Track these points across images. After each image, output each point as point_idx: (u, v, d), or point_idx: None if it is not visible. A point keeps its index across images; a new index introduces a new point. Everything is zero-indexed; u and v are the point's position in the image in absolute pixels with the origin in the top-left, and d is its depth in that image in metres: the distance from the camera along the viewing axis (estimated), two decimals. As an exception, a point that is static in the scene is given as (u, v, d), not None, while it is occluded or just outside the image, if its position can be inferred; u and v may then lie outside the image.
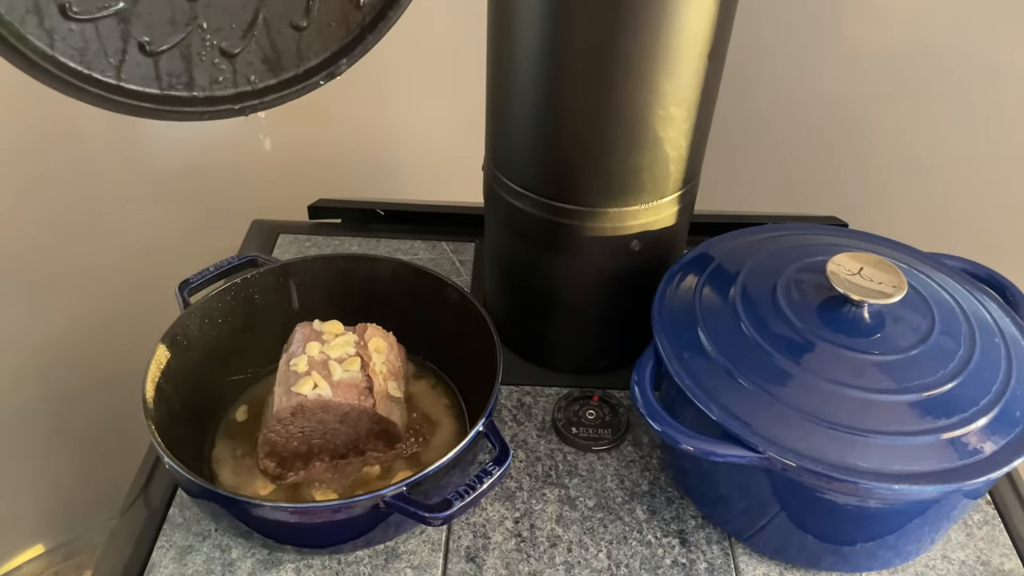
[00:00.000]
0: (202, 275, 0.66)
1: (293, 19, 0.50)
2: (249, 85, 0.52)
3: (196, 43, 0.48)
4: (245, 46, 0.50)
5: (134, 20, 0.46)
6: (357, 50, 0.54)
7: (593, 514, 0.61)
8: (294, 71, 0.53)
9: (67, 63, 0.45)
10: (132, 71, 0.47)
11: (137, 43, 0.47)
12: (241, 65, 0.51)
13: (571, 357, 0.72)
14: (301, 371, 0.59)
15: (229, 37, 0.49)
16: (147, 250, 1.04)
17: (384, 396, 0.61)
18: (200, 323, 0.63)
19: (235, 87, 0.51)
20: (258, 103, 0.53)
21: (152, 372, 0.57)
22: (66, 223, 0.99)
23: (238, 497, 0.50)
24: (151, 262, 1.01)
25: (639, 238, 0.64)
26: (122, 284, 1.06)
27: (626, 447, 0.66)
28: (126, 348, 0.89)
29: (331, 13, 0.52)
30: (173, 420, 0.58)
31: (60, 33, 0.44)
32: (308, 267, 0.68)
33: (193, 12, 0.47)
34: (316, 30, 0.52)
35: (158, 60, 0.48)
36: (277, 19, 0.50)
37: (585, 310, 0.69)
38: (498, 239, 0.70)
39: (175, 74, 0.49)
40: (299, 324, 0.64)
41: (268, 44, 0.50)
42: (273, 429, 0.59)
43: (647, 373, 0.56)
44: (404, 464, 0.63)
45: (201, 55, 0.49)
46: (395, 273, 0.68)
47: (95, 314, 1.07)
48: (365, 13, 0.52)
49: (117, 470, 0.99)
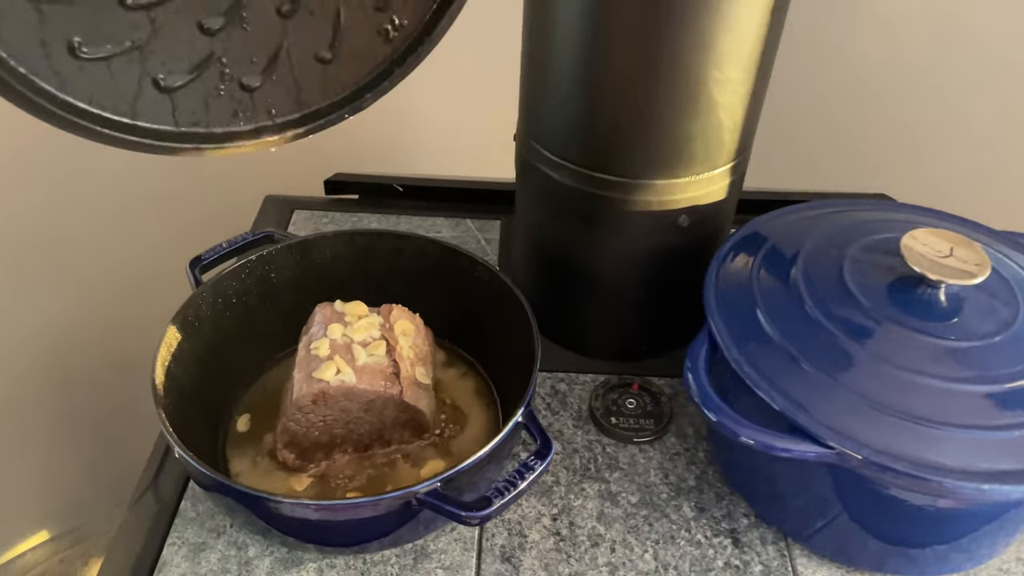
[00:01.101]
0: (215, 252, 0.62)
1: (318, 52, 0.46)
2: (269, 119, 0.48)
3: (214, 78, 0.44)
4: (266, 80, 0.46)
5: (149, 56, 0.42)
6: (384, 84, 0.50)
7: (637, 511, 0.57)
8: (317, 105, 0.49)
9: (77, 104, 0.41)
10: (147, 109, 0.44)
11: (152, 80, 0.43)
12: (261, 100, 0.47)
13: (608, 342, 0.68)
14: (322, 355, 0.55)
15: (250, 71, 0.45)
16: (156, 228, 1.00)
17: (412, 383, 0.57)
18: (213, 303, 0.59)
19: (255, 122, 0.47)
20: (278, 138, 0.49)
21: (162, 355, 0.53)
22: (70, 201, 0.95)
23: (256, 493, 0.46)
24: (160, 241, 0.97)
25: (687, 213, 0.59)
26: (130, 264, 1.02)
27: (669, 439, 0.62)
28: (135, 330, 0.85)
29: (358, 46, 0.47)
30: (185, 406, 0.54)
31: (69, 74, 0.40)
32: (328, 244, 0.64)
33: (211, 46, 0.43)
34: (342, 63, 0.48)
35: (174, 96, 0.44)
36: (301, 52, 0.46)
37: (625, 291, 0.64)
38: (531, 215, 0.66)
39: (192, 111, 0.45)
40: (319, 305, 0.59)
41: (291, 78, 0.46)
42: (292, 418, 0.55)
43: (701, 359, 0.51)
44: (432, 456, 0.58)
45: (220, 90, 0.45)
46: (421, 251, 0.64)
47: (102, 295, 1.04)
48: (395, 46, 0.48)
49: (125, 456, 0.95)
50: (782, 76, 0.93)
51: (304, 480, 0.55)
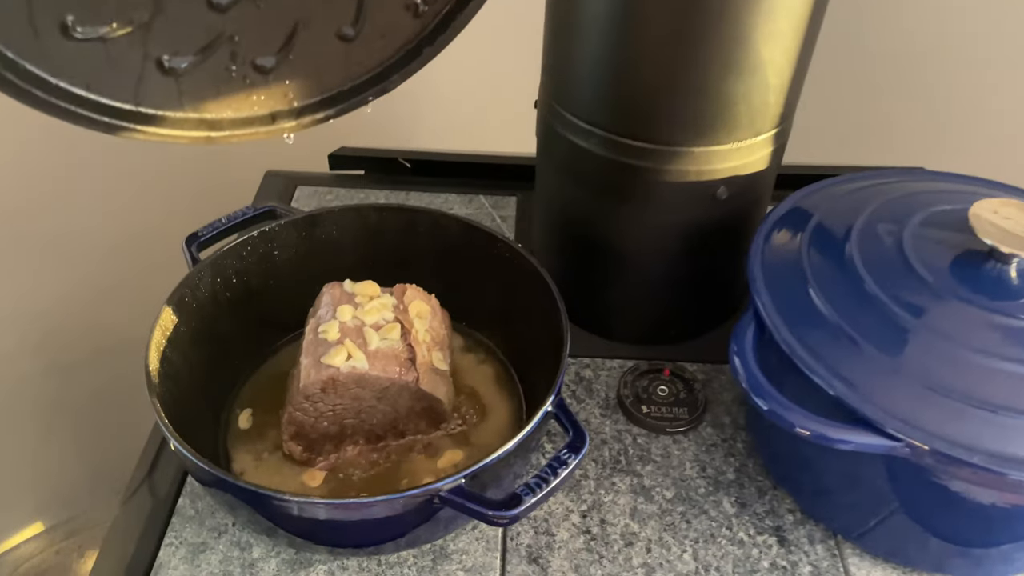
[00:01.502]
0: (213, 228, 0.57)
1: (340, 29, 0.41)
2: (286, 103, 0.42)
3: (225, 59, 0.39)
4: (282, 60, 0.40)
5: (151, 36, 0.36)
6: (412, 65, 0.44)
7: (673, 507, 0.53)
8: (339, 88, 0.43)
9: (73, 91, 0.36)
10: (151, 94, 0.38)
11: (155, 62, 0.37)
12: (277, 82, 0.41)
13: (636, 325, 0.64)
14: (332, 339, 0.51)
15: (264, 51, 0.40)
16: (149, 205, 0.95)
17: (428, 369, 0.52)
18: (212, 283, 0.55)
19: (270, 107, 0.42)
20: (295, 123, 0.44)
21: (156, 339, 0.49)
22: (62, 179, 0.90)
23: (261, 491, 0.42)
24: (154, 218, 0.92)
25: (726, 184, 0.55)
26: (121, 242, 0.97)
27: (705, 429, 0.58)
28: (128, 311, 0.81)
29: (384, 22, 0.42)
30: (182, 394, 0.49)
31: (63, 58, 0.35)
32: (335, 220, 0.59)
33: (222, 24, 0.38)
34: (366, 42, 0.42)
35: (181, 80, 0.38)
36: (320, 29, 0.40)
37: (655, 270, 0.60)
38: (554, 188, 0.61)
39: (201, 95, 0.39)
40: (327, 285, 0.55)
41: (309, 58, 0.41)
42: (299, 407, 0.50)
43: (748, 343, 0.47)
44: (449, 446, 0.54)
45: (231, 71, 0.39)
46: (436, 226, 0.59)
47: (93, 274, 0.99)
48: (425, 22, 0.43)
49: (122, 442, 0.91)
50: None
51: (318, 475, 0.51)
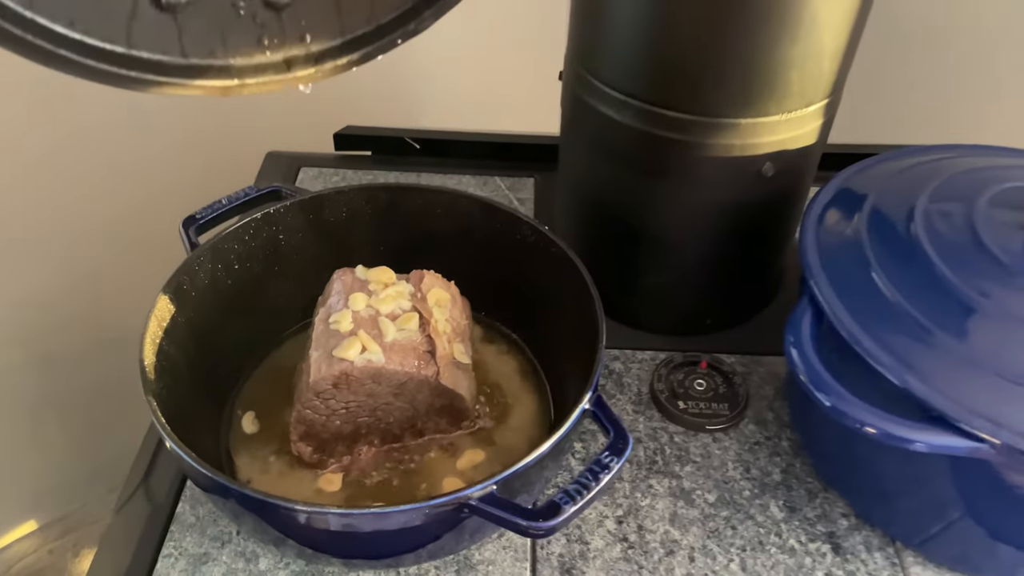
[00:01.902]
0: (212, 209, 0.53)
1: None
2: (303, 47, 0.37)
3: None
4: None
5: None
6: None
7: (716, 512, 0.49)
8: (363, 28, 0.37)
9: (54, 29, 0.31)
10: (146, 35, 0.33)
11: None
12: (292, 22, 0.36)
13: (669, 314, 0.59)
14: (344, 330, 0.46)
15: None
16: (145, 190, 0.90)
17: (449, 362, 0.48)
18: (212, 269, 0.50)
19: (285, 51, 0.36)
20: (314, 71, 0.38)
21: (152, 331, 0.44)
22: (52, 160, 0.86)
23: (267, 499, 0.37)
24: (149, 203, 0.88)
25: (772, 160, 0.50)
26: (118, 230, 0.93)
27: (747, 426, 0.54)
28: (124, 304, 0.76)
29: None
30: (180, 391, 0.45)
31: None
32: (345, 200, 0.55)
33: None
34: None
35: (180, 17, 0.33)
36: None
37: (691, 255, 0.56)
38: (581, 166, 0.57)
39: (204, 36, 0.34)
40: (338, 271, 0.51)
41: None
42: (309, 404, 0.46)
43: (805, 331, 0.43)
44: (469, 447, 0.50)
45: (238, 7, 0.34)
46: (453, 208, 0.55)
47: (87, 265, 0.94)
48: None
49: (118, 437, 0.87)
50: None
51: (335, 480, 0.47)
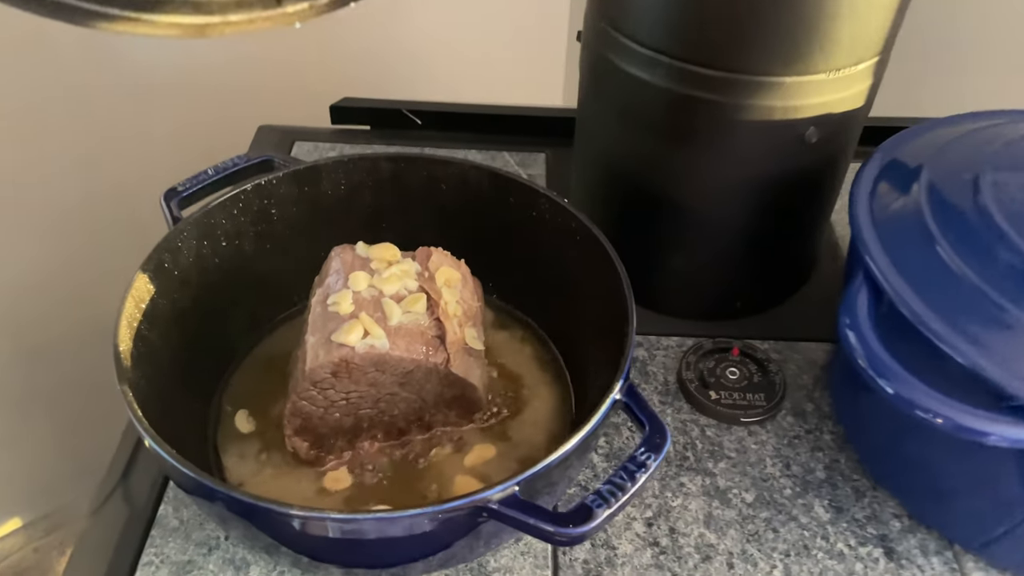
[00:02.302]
0: (197, 180, 0.48)
1: None
2: None
3: None
4: None
5: None
6: None
7: (755, 512, 0.44)
8: None
9: None
10: None
11: None
12: None
13: (697, 296, 0.55)
14: (344, 312, 0.42)
15: None
16: (130, 170, 0.85)
17: (460, 348, 0.43)
18: (197, 246, 0.46)
19: None
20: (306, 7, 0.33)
21: (128, 313, 0.40)
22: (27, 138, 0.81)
23: (260, 503, 0.33)
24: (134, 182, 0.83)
25: (817, 125, 0.46)
26: (100, 213, 0.88)
27: (785, 418, 0.49)
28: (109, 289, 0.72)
29: None
30: (161, 381, 0.41)
31: None
32: (344, 172, 0.50)
33: None
34: None
35: None
36: None
37: (725, 231, 0.51)
38: (603, 134, 0.52)
39: None
40: (337, 248, 0.46)
41: None
42: (305, 395, 0.41)
43: (863, 314, 0.38)
44: (478, 442, 0.46)
45: None
46: (463, 180, 0.50)
47: (68, 250, 0.89)
48: None
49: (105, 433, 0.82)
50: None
51: (342, 478, 0.43)
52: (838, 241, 0.62)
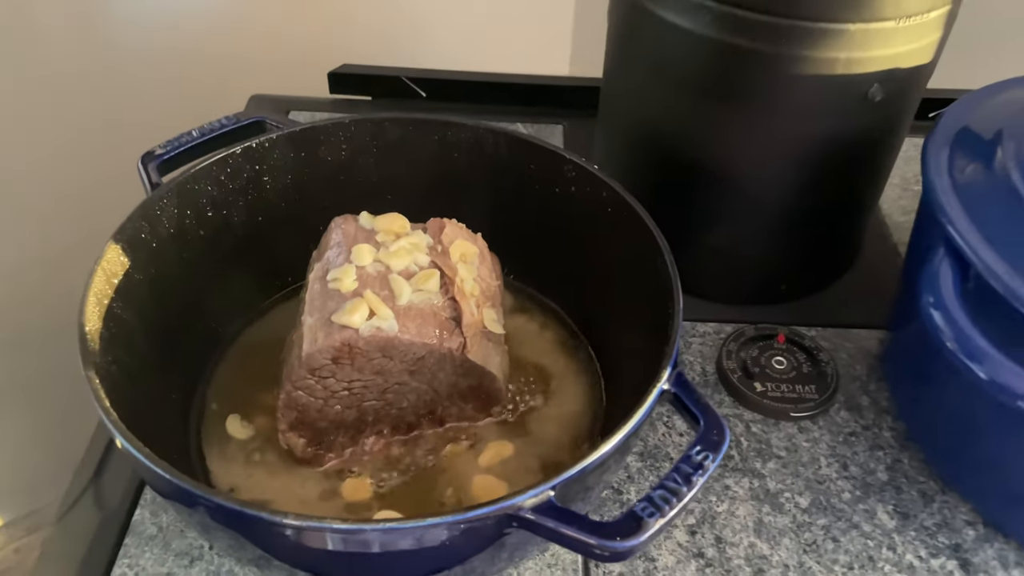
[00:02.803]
0: (179, 143, 0.43)
1: None
2: None
3: None
4: None
5: None
6: None
7: (811, 519, 0.39)
8: None
9: None
10: None
11: None
12: None
13: (737, 278, 0.50)
14: (346, 290, 0.37)
15: None
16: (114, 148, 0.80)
17: (478, 332, 0.39)
18: (179, 216, 0.41)
19: None
20: None
21: (98, 288, 0.35)
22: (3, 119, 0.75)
23: (248, 512, 0.28)
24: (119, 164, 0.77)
25: (882, 81, 0.41)
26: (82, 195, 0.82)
27: (838, 412, 0.45)
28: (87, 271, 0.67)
29: None
30: (136, 368, 0.36)
31: None
32: (346, 135, 0.45)
33: None
34: None
35: None
36: None
37: (773, 203, 0.46)
38: (635, 93, 0.47)
39: None
40: (338, 218, 0.41)
41: None
42: (302, 384, 0.36)
43: (948, 290, 0.33)
44: (493, 438, 0.41)
45: None
46: (479, 145, 0.46)
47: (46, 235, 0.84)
48: None
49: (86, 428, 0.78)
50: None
51: (361, 487, 0.38)
52: (884, 220, 0.57)
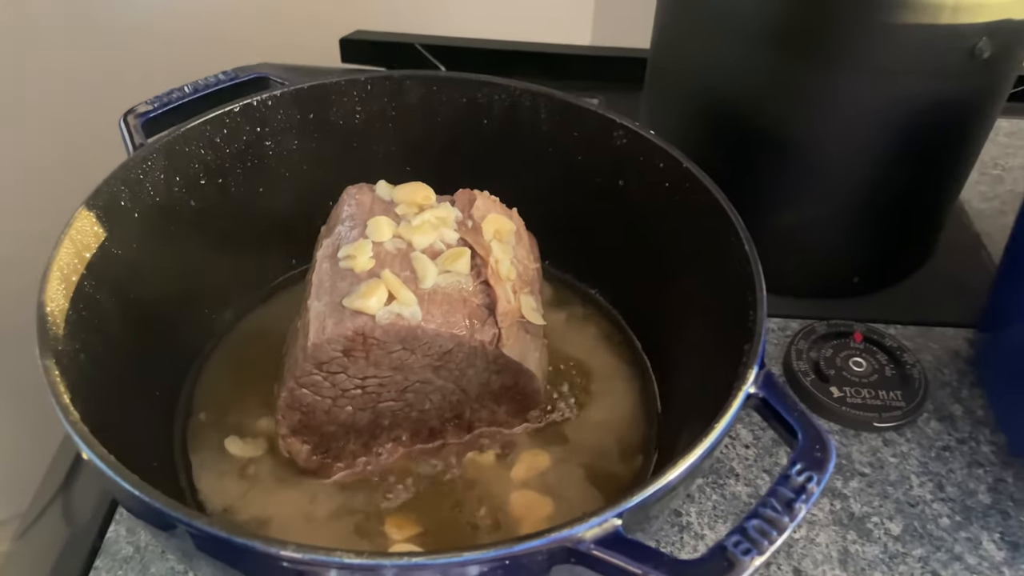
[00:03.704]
0: (170, 99, 0.37)
1: None
2: None
3: None
4: None
5: None
6: None
7: (906, 549, 0.34)
8: None
9: None
10: None
11: None
12: None
13: (807, 268, 0.45)
14: (361, 270, 0.31)
15: None
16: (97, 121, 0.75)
17: (514, 322, 0.33)
18: (166, 181, 0.35)
19: None
20: None
21: (64, 261, 0.29)
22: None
23: (237, 540, 0.22)
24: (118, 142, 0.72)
25: (992, 35, 0.35)
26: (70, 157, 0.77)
27: (928, 423, 0.39)
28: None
29: None
30: (110, 359, 0.31)
31: None
32: (360, 95, 0.40)
33: None
34: None
35: None
36: None
37: (848, 178, 0.41)
38: (692, 52, 0.42)
39: None
40: (351, 187, 0.36)
41: None
42: (306, 380, 0.31)
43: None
44: (526, 446, 0.35)
45: None
46: (513, 109, 0.40)
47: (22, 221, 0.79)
48: None
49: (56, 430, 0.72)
50: None
51: (406, 525, 0.32)
52: (963, 206, 0.51)
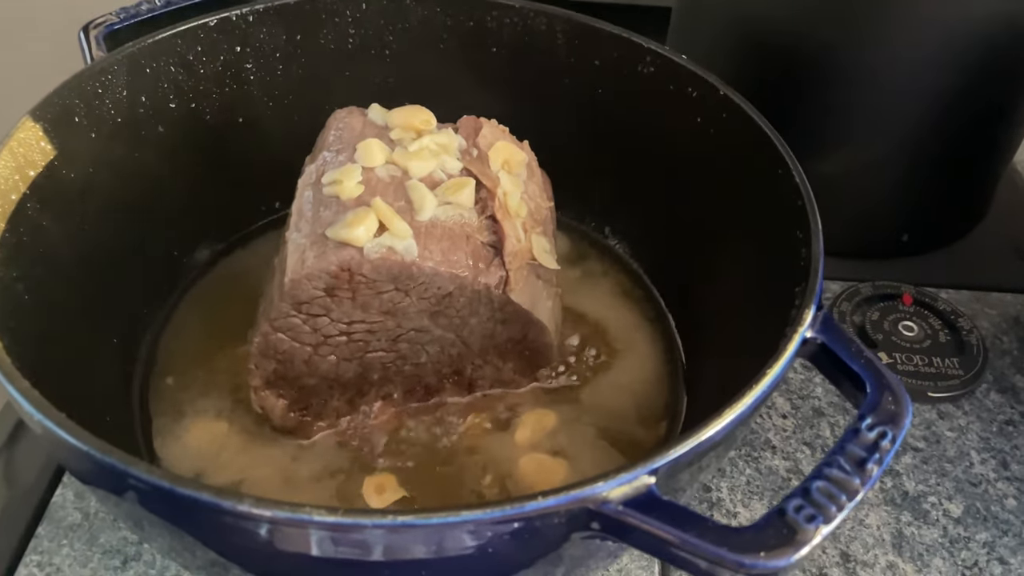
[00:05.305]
0: (137, 11, 0.33)
1: None
2: None
3: None
4: None
5: None
6: None
7: (967, 532, 0.30)
8: None
9: None
10: None
11: None
12: None
13: (853, 224, 0.41)
14: (348, 197, 0.28)
15: None
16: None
17: (524, 265, 0.29)
18: (130, 99, 0.32)
19: None
20: None
21: (3, 176, 0.25)
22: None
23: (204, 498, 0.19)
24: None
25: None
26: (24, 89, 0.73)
27: (987, 395, 0.35)
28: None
29: None
30: (57, 298, 0.27)
31: None
32: (355, 14, 0.36)
33: None
34: None
35: None
36: None
37: (902, 119, 0.37)
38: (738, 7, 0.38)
39: None
40: (339, 111, 0.32)
41: None
42: (283, 324, 0.27)
43: None
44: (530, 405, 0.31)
45: None
46: (526, 33, 0.37)
47: None
48: None
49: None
50: None
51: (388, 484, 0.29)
52: (1016, 166, 0.48)
